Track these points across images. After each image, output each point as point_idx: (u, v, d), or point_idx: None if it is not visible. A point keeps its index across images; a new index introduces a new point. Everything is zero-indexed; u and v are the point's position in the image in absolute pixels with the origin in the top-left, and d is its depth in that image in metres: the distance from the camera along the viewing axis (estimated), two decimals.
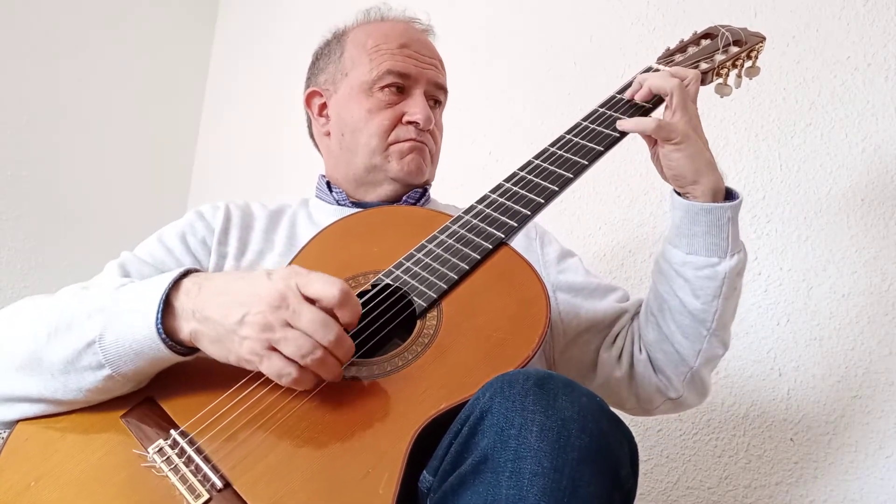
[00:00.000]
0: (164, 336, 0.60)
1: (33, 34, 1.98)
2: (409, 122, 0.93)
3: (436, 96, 0.98)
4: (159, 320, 0.60)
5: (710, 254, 0.78)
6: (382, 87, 0.93)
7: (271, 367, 0.58)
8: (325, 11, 2.08)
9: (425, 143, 0.95)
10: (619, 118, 0.81)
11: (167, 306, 0.61)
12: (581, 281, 0.94)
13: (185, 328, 0.61)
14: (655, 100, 0.83)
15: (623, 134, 0.81)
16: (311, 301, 0.59)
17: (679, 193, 0.80)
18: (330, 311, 0.59)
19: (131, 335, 0.60)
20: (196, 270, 0.65)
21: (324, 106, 1.00)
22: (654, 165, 0.83)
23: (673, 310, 0.82)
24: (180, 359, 0.62)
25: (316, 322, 0.58)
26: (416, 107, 0.93)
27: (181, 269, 0.64)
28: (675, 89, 0.78)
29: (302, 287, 0.59)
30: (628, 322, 0.91)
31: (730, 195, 0.80)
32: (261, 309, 0.58)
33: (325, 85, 1.00)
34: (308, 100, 1.02)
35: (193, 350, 0.63)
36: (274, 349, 0.58)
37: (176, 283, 0.62)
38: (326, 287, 0.59)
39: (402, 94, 0.94)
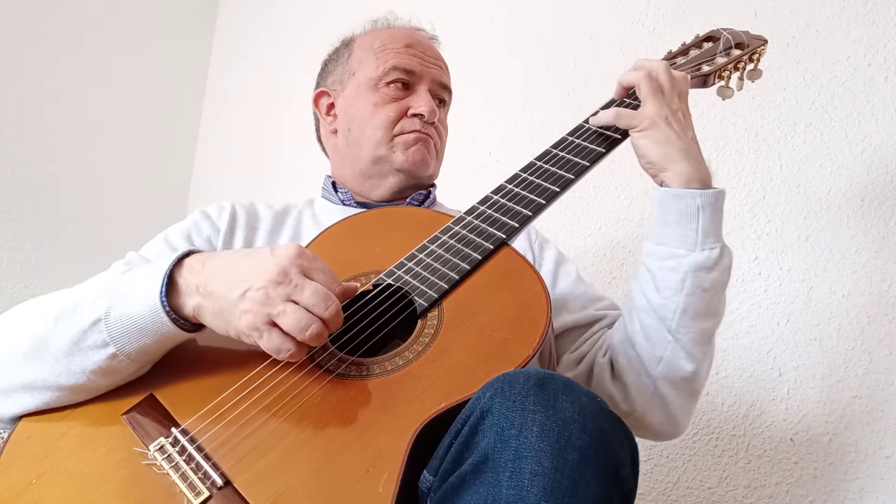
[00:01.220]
0: (168, 309, 0.61)
1: (33, 34, 1.98)
2: (415, 115, 0.95)
3: (440, 95, 1.00)
4: (163, 294, 0.61)
5: (677, 245, 0.74)
6: (388, 83, 0.95)
7: (270, 342, 0.59)
8: (326, 10, 2.08)
9: (430, 135, 0.96)
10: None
11: (171, 284, 0.62)
12: (570, 290, 0.93)
13: (190, 303, 0.62)
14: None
15: (625, 136, 0.81)
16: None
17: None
18: None
19: (136, 312, 0.61)
20: (198, 251, 0.66)
21: (331, 105, 1.02)
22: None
23: (638, 308, 0.78)
24: (185, 335, 0.63)
25: (318, 295, 0.60)
26: (420, 100, 0.95)
27: (184, 250, 0.65)
28: (640, 79, 0.78)
29: (306, 271, 0.61)
30: (601, 329, 0.88)
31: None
32: (262, 284, 0.59)
33: (332, 85, 1.02)
34: (316, 100, 1.04)
35: (197, 327, 0.64)
36: (273, 324, 0.59)
37: (179, 262, 0.63)
38: (330, 283, 0.62)
39: (407, 89, 0.97)
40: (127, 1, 2.20)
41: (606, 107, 0.84)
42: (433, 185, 1.03)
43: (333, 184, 1.01)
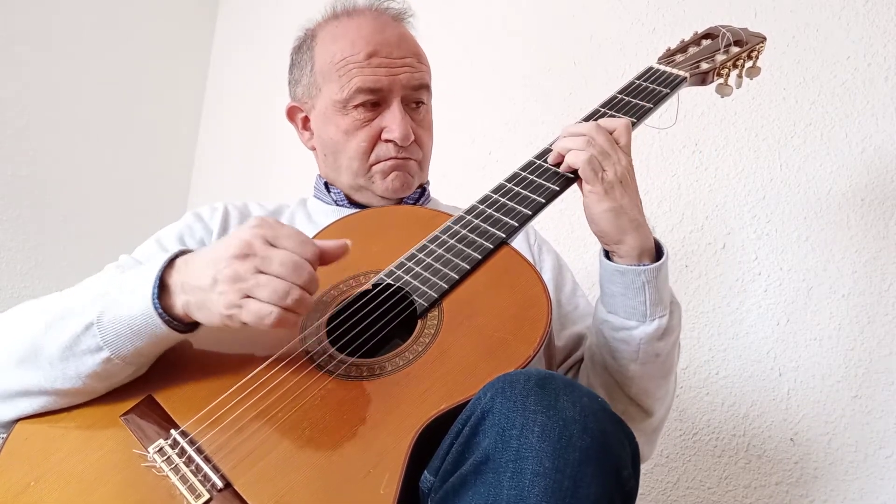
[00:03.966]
0: (160, 311, 0.60)
1: (33, 34, 1.98)
2: (388, 140, 0.90)
3: (416, 98, 0.92)
4: (156, 296, 0.60)
5: (627, 316, 0.74)
6: (356, 106, 0.89)
7: (251, 312, 0.58)
8: (327, 10, 2.07)
9: (409, 156, 0.91)
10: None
11: (162, 285, 0.61)
12: (563, 303, 0.93)
13: (178, 302, 0.61)
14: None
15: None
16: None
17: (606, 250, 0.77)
18: None
19: (129, 314, 0.60)
20: (189, 250, 0.66)
21: (306, 119, 0.97)
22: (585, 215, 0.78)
23: (596, 364, 0.79)
24: (179, 336, 0.63)
25: (287, 265, 0.58)
26: (393, 122, 0.89)
27: (175, 250, 0.65)
28: (582, 163, 0.73)
29: (271, 240, 0.60)
30: (579, 358, 0.88)
31: (660, 253, 0.75)
32: (228, 262, 0.58)
33: (303, 98, 0.97)
34: (290, 114, 0.99)
35: (190, 327, 0.63)
36: (249, 297, 0.58)
37: (170, 263, 0.63)
38: (298, 247, 0.60)
39: (378, 107, 0.90)
40: (127, 1, 2.20)
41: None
42: (426, 182, 1.01)
43: (326, 184, 0.99)
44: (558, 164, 0.78)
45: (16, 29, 1.94)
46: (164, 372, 0.65)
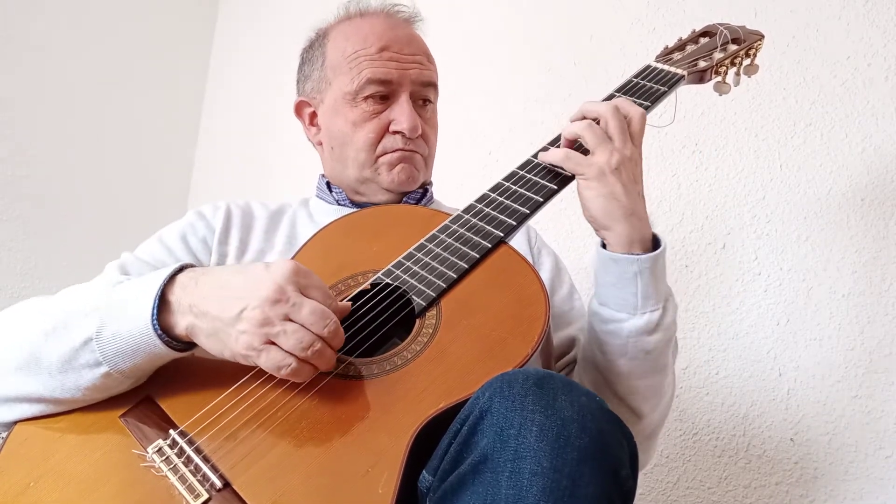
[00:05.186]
0: (160, 332, 0.60)
1: (33, 33, 1.98)
2: (396, 132, 0.90)
3: (424, 95, 0.94)
4: (155, 316, 0.60)
5: (618, 308, 0.73)
6: (366, 97, 0.90)
7: (269, 360, 0.58)
8: (327, 8, 2.07)
9: (415, 150, 0.92)
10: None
11: (163, 302, 0.61)
12: (559, 304, 0.93)
13: (182, 323, 0.61)
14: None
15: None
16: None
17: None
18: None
19: (128, 332, 0.60)
20: (191, 265, 0.65)
21: (314, 115, 0.98)
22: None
23: (587, 360, 0.79)
24: (177, 355, 0.62)
25: (316, 314, 0.59)
26: (401, 115, 0.90)
27: (177, 265, 0.64)
28: (582, 131, 0.74)
29: (303, 288, 0.60)
30: (573, 360, 0.87)
31: (658, 247, 0.74)
32: (259, 303, 0.58)
33: (311, 94, 0.98)
34: (298, 110, 1.00)
35: (190, 345, 0.63)
36: (272, 343, 0.58)
37: (171, 279, 0.62)
38: (326, 299, 0.61)
39: (386, 100, 0.91)
40: (128, 1, 2.20)
41: (557, 141, 0.81)
42: (429, 183, 1.01)
43: (328, 184, 1.00)
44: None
45: (15, 28, 1.94)
46: (163, 372, 0.65)
